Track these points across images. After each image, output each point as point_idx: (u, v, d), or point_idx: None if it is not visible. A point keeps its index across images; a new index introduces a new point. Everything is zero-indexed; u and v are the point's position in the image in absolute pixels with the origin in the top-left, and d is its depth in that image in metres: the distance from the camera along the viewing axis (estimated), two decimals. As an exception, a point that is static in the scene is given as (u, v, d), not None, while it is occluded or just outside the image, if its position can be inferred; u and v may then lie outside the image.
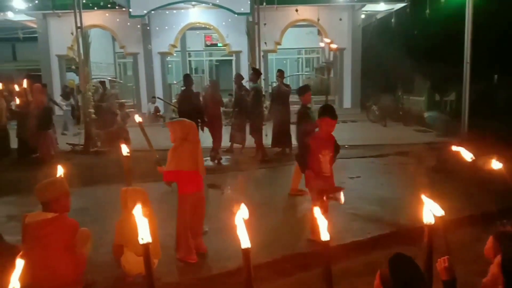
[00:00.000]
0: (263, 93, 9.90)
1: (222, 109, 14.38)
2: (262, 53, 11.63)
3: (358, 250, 4.00)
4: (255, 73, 8.96)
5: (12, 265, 1.71)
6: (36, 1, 12.77)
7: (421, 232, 2.02)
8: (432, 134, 10.97)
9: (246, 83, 9.69)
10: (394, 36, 15.07)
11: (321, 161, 3.98)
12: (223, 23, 15.36)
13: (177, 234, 3.67)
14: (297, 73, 22.35)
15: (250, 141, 8.90)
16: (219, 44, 19.09)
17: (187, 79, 8.14)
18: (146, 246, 1.84)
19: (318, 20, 14.97)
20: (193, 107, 7.64)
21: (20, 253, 2.99)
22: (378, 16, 16.55)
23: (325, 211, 3.79)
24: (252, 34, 11.72)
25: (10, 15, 14.47)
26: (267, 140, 8.87)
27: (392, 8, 15.09)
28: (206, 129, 8.25)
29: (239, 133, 9.15)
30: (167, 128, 3.78)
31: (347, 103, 16.28)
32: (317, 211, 1.92)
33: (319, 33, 19.09)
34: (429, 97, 12.61)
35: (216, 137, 8.47)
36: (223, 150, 9.31)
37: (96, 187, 6.28)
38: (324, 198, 3.74)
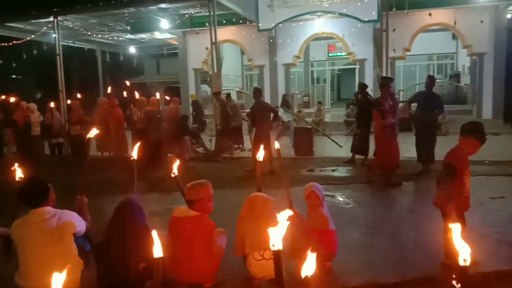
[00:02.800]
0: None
1: (344, 118, 14.32)
2: (389, 60, 11.15)
3: (503, 282, 3.52)
4: (385, 81, 8.60)
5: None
6: (178, 21, 14.29)
7: None
8: None
9: (370, 91, 9.41)
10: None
11: (465, 181, 3.63)
12: (348, 32, 15.16)
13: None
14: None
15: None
16: (342, 53, 18.91)
17: (255, 92, 8.77)
18: (277, 253, 1.86)
19: (455, 23, 13.75)
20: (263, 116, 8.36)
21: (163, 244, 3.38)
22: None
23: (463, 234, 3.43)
24: (380, 41, 11.32)
25: (157, 34, 16.51)
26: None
27: (548, 5, 13.10)
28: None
29: (362, 144, 8.89)
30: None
31: (487, 113, 14.54)
32: (455, 234, 1.75)
33: (453, 37, 17.57)
34: None
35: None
36: (344, 161, 9.15)
37: (226, 190, 6.67)
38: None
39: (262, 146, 3.80)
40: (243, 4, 13.10)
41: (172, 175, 3.68)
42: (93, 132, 3.72)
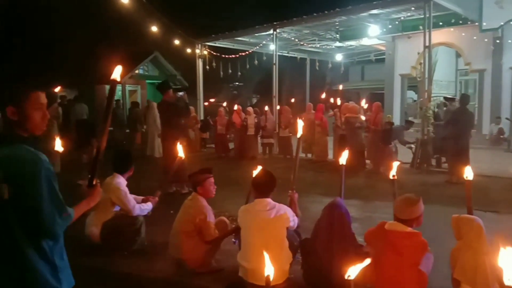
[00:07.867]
0: None
1: None
2: None
3: None
4: None
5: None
6: (390, 26, 13.95)
7: None
8: None
9: None
10: None
11: None
12: None
13: None
14: None
15: None
16: None
17: (464, 98, 8.51)
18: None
19: None
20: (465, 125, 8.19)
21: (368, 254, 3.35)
22: None
23: None
24: None
25: (364, 41, 16.51)
26: None
27: None
28: None
29: None
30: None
31: None
32: None
33: None
34: None
35: None
36: None
37: (432, 206, 6.16)
38: None
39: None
40: (464, 3, 11.84)
41: (391, 178, 3.68)
42: (301, 126, 3.90)
